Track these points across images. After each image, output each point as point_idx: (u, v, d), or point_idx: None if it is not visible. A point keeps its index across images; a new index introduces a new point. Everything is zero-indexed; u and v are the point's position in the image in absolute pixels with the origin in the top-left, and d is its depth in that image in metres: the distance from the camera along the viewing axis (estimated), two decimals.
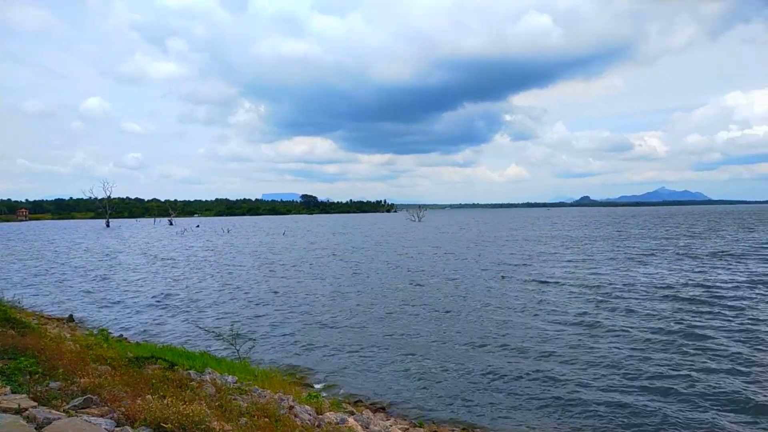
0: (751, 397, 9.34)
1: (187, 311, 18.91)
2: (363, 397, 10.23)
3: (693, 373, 10.63)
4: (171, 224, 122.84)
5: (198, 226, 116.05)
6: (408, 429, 8.50)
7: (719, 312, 15.92)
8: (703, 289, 19.65)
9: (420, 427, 8.71)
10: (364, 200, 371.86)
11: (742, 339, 12.92)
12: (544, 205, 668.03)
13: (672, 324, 14.59)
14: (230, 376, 8.44)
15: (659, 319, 15.25)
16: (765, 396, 9.41)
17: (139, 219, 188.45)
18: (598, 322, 15.17)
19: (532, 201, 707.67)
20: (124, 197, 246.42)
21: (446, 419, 9.15)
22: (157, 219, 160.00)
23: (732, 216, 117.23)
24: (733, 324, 14.34)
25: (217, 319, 17.34)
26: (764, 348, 12.20)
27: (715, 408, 8.98)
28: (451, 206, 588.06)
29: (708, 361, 11.39)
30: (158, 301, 20.79)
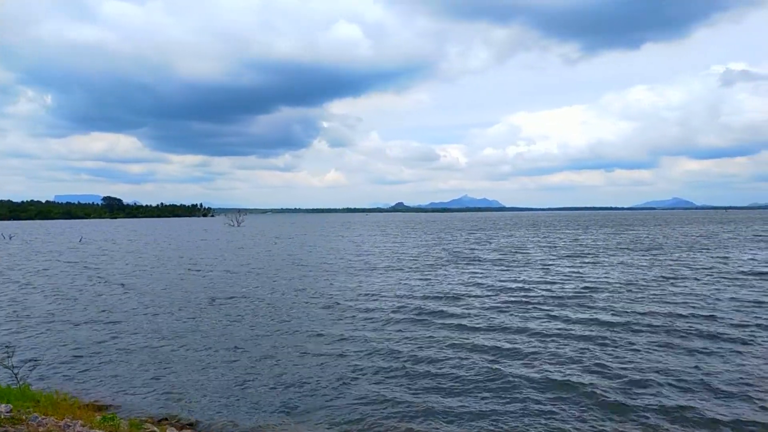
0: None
1: None
2: (169, 415, 9.63)
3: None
4: None
5: None
6: None
7: (448, 323, 16.24)
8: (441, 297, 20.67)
9: None
10: (178, 203, 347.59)
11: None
12: (363, 210, 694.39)
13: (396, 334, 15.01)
14: (3, 405, 7.36)
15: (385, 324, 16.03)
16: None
17: None
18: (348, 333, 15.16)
19: (352, 206, 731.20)
20: None
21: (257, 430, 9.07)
22: None
23: (514, 221, 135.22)
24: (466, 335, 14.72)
25: None
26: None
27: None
28: (273, 211, 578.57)
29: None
30: None
